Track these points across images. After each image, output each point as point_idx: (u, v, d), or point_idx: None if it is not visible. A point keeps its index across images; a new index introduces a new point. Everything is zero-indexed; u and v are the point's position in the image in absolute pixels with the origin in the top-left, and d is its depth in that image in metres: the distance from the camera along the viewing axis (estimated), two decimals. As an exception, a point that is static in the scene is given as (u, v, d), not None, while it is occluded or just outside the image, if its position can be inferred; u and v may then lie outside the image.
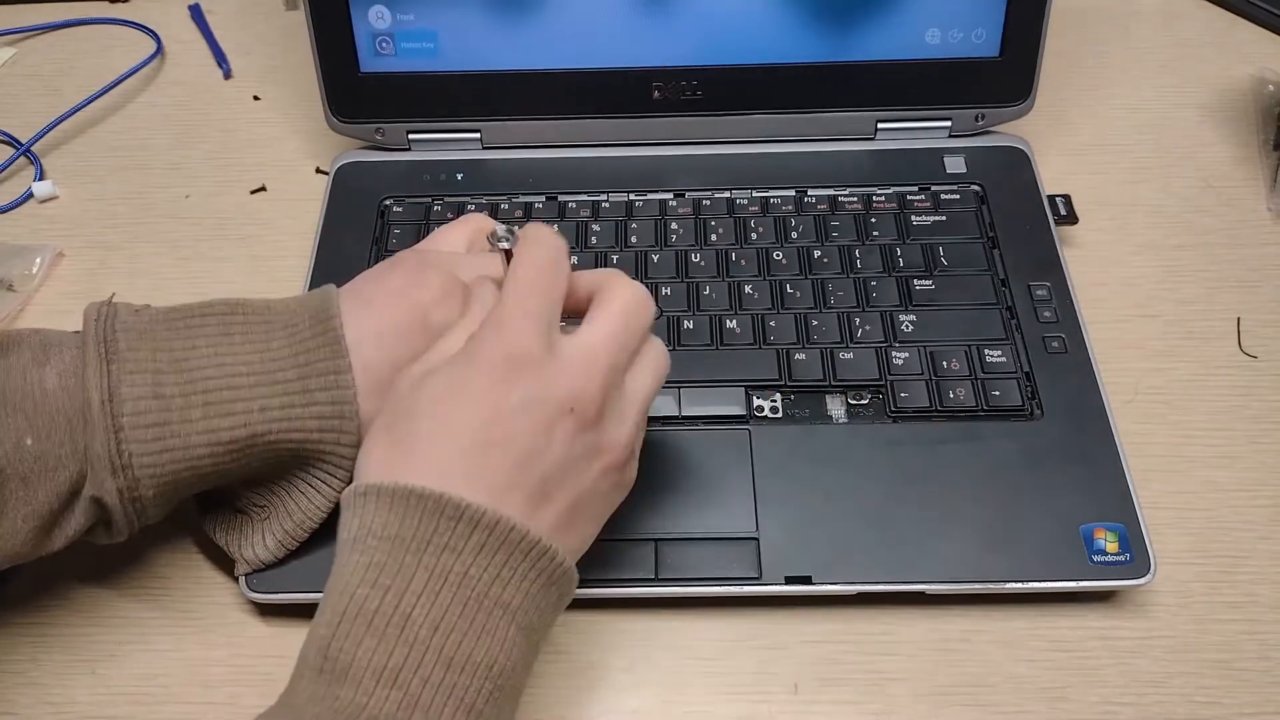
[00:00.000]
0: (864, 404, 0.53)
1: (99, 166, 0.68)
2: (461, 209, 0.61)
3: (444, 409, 0.39)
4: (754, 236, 0.59)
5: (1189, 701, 0.46)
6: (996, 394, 0.52)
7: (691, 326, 0.56)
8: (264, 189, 0.66)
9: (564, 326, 0.41)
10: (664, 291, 0.57)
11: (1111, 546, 0.47)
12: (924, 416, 0.52)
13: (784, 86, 0.62)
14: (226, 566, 0.49)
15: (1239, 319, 0.58)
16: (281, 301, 0.46)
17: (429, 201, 0.62)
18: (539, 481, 0.39)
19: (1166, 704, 0.46)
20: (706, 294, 0.57)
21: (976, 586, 0.47)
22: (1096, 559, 0.47)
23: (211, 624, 0.49)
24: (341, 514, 0.39)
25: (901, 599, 0.48)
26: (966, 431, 0.51)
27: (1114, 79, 0.71)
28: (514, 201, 0.61)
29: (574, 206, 0.61)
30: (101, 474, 0.42)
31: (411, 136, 0.63)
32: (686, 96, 0.62)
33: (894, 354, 0.54)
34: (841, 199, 0.61)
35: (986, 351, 0.54)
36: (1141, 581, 0.47)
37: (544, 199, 0.62)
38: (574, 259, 0.53)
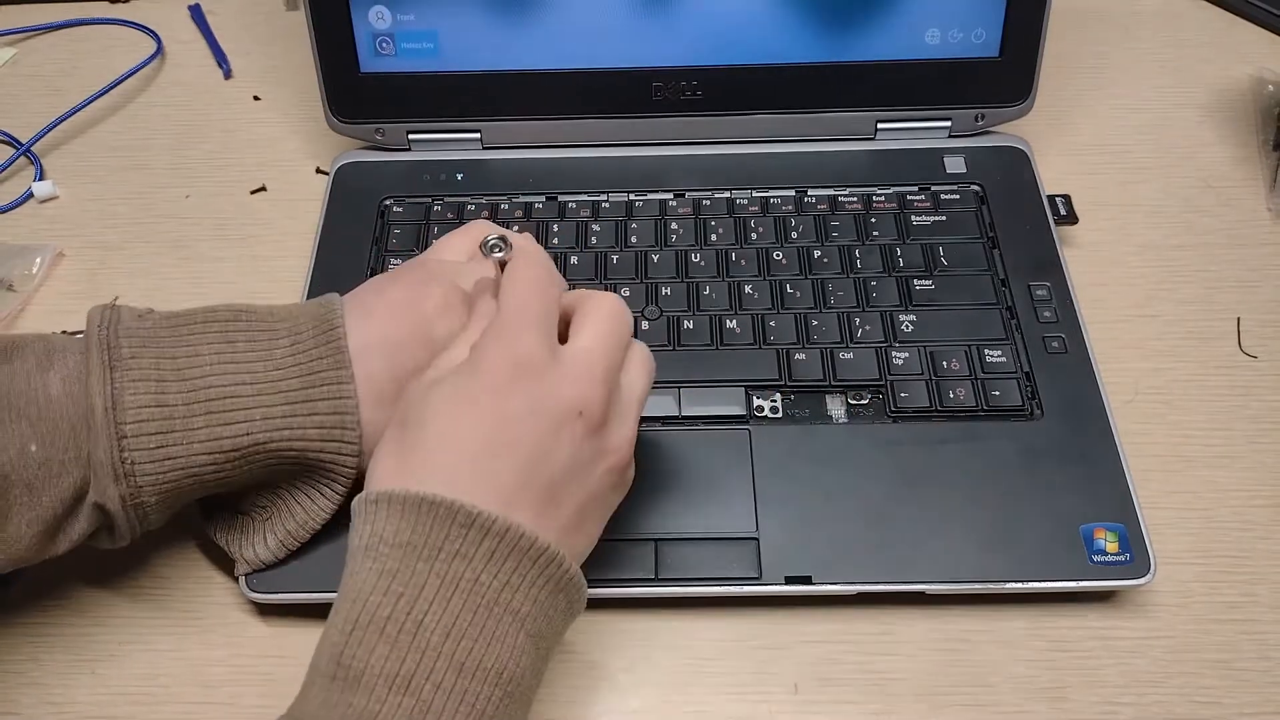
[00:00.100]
0: (864, 404, 0.53)
1: (99, 166, 0.68)
2: (461, 209, 0.61)
3: (452, 417, 0.39)
4: (754, 236, 0.59)
5: (1189, 701, 0.46)
6: (996, 394, 0.52)
7: (691, 326, 0.56)
8: (264, 189, 0.66)
9: None
10: (664, 291, 0.57)
11: (1111, 546, 0.47)
12: (924, 416, 0.52)
13: (784, 86, 0.62)
14: (226, 566, 0.49)
15: (1239, 319, 0.58)
16: (285, 308, 0.46)
17: (429, 201, 0.62)
18: (547, 486, 0.39)
19: (1166, 704, 0.46)
20: (706, 294, 0.57)
21: (976, 586, 0.47)
22: (1096, 559, 0.47)
23: (211, 624, 0.49)
24: (352, 521, 0.39)
25: (901, 599, 0.48)
26: (966, 431, 0.51)
27: (1114, 79, 0.71)
28: (514, 201, 0.61)
29: (574, 206, 0.61)
30: (104, 481, 0.42)
31: (411, 136, 0.63)
32: (686, 96, 0.62)
33: (894, 354, 0.54)
34: (841, 199, 0.61)
35: (986, 351, 0.54)
36: (1141, 581, 0.47)
37: (544, 199, 0.62)
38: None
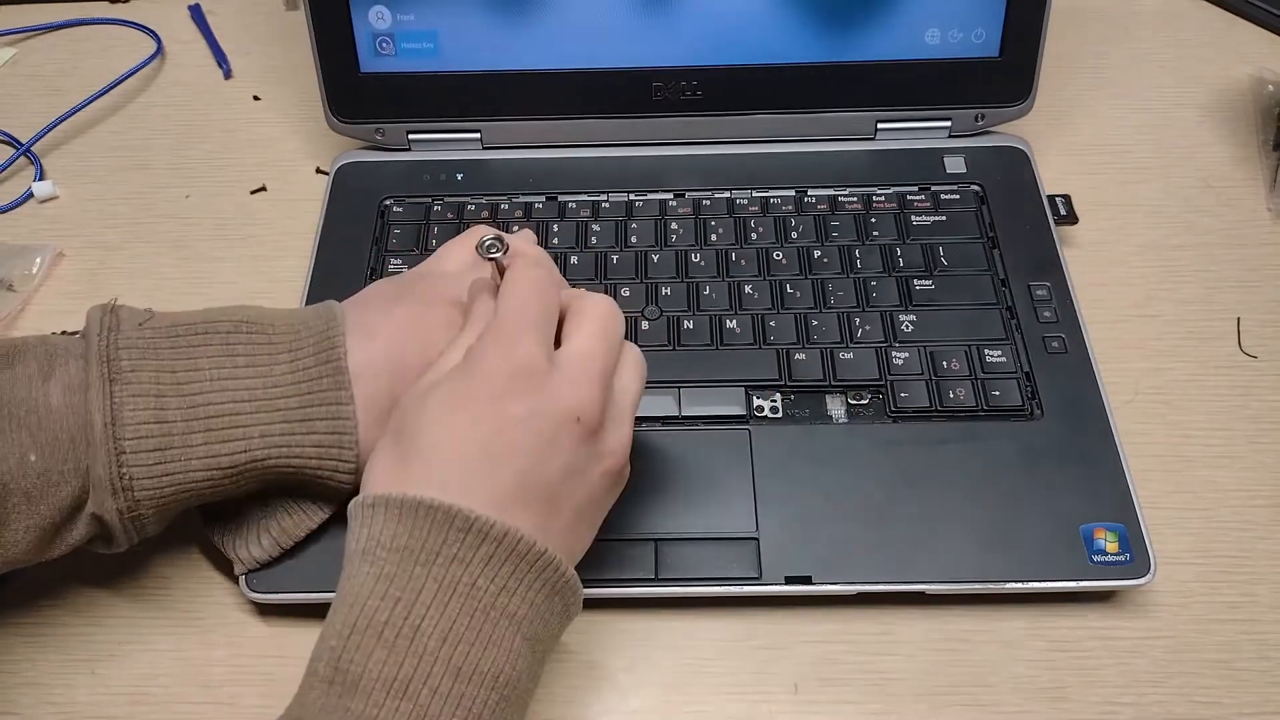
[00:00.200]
0: (864, 404, 0.53)
1: (99, 166, 0.68)
2: (461, 209, 0.61)
3: (449, 423, 0.39)
4: (754, 236, 0.59)
5: (1189, 701, 0.46)
6: (996, 394, 0.52)
7: (691, 326, 0.56)
8: (264, 189, 0.66)
9: None
10: (664, 291, 0.57)
11: (1111, 546, 0.47)
12: (924, 416, 0.52)
13: (784, 86, 0.62)
14: (226, 566, 0.49)
15: (1239, 319, 0.58)
16: (285, 317, 0.46)
17: (429, 202, 0.62)
18: (545, 491, 0.39)
19: (1166, 704, 0.46)
20: (706, 294, 0.57)
21: (976, 586, 0.47)
22: (1096, 559, 0.47)
23: (211, 624, 0.49)
24: (349, 525, 0.39)
25: (901, 599, 0.48)
26: (966, 431, 0.51)
27: (1114, 79, 0.71)
28: (514, 201, 0.61)
29: (574, 206, 0.61)
30: (103, 495, 0.42)
31: (411, 136, 0.63)
32: (686, 96, 0.62)
33: (894, 354, 0.54)
34: (841, 199, 0.61)
35: (986, 351, 0.54)
36: (1141, 581, 0.47)
37: (544, 199, 0.62)
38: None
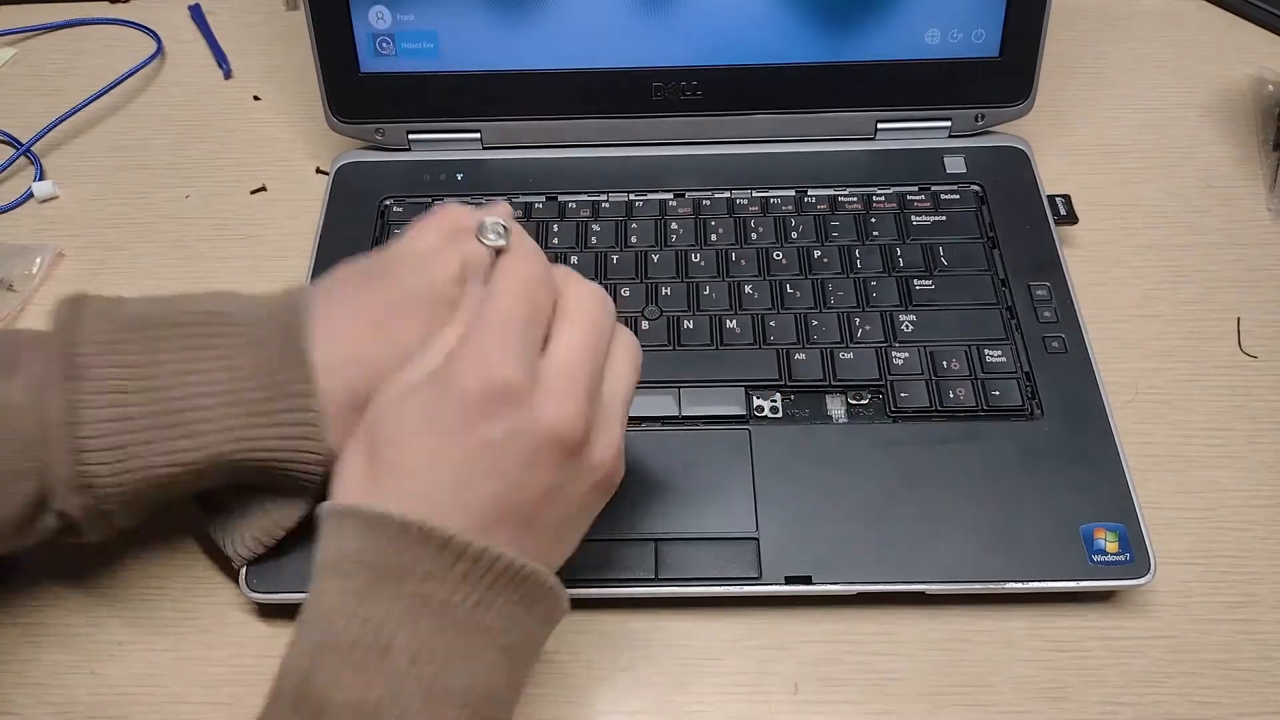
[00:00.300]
0: (864, 404, 0.53)
1: (99, 166, 0.68)
2: (461, 209, 0.61)
3: (424, 434, 0.38)
4: (754, 236, 0.59)
5: (1189, 701, 0.46)
6: (996, 394, 0.52)
7: (691, 326, 0.56)
8: (264, 189, 0.66)
9: None
10: (664, 291, 0.57)
11: (1111, 546, 0.47)
12: (924, 416, 0.52)
13: (784, 86, 0.62)
14: (226, 566, 0.49)
15: (1239, 319, 0.58)
16: (249, 306, 0.44)
17: (429, 202, 0.62)
18: (525, 509, 0.38)
19: (1166, 704, 0.46)
20: (706, 294, 0.57)
21: (976, 586, 0.47)
22: (1096, 559, 0.47)
23: (211, 624, 0.49)
24: (319, 531, 0.38)
25: (901, 599, 0.48)
26: (966, 431, 0.51)
27: (1114, 79, 0.71)
28: (514, 202, 0.61)
29: (574, 206, 0.61)
30: (65, 492, 0.41)
31: (411, 136, 0.63)
32: (686, 96, 0.62)
33: (894, 354, 0.54)
34: (841, 199, 0.61)
35: (986, 351, 0.54)
36: (1141, 581, 0.47)
37: (544, 199, 0.62)
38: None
